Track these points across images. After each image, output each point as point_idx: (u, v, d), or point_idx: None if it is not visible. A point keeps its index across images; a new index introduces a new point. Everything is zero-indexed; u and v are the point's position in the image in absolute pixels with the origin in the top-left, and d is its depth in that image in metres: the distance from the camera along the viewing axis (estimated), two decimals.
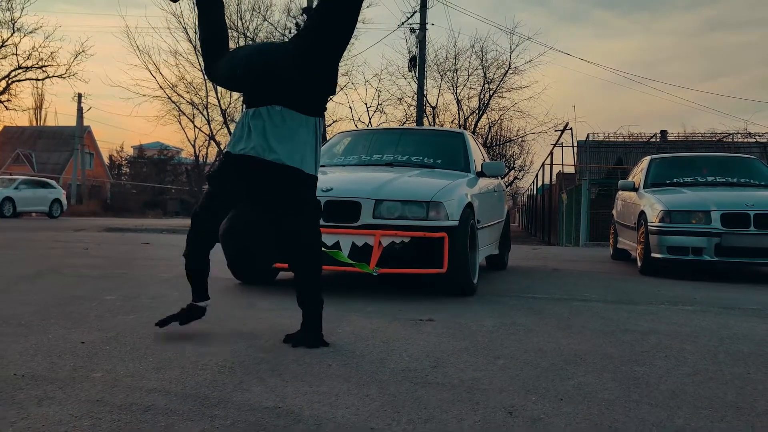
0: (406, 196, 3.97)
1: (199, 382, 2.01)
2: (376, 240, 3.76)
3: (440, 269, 3.83)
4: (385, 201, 3.91)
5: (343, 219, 3.88)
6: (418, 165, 5.06)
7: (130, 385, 1.96)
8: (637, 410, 1.85)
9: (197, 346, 2.49)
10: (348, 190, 4.03)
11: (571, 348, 2.68)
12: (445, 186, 4.20)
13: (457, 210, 4.01)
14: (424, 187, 4.15)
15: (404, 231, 3.81)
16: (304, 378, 2.09)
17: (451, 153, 5.34)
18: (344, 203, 3.91)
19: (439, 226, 3.86)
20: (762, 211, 5.61)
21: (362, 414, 1.75)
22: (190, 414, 1.71)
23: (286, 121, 2.53)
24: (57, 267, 5.44)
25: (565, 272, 6.22)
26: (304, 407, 1.78)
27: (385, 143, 5.50)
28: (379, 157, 5.21)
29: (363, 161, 5.20)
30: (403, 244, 3.84)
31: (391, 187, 4.07)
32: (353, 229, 3.83)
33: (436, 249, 3.83)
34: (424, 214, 3.88)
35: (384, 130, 6.41)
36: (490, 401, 1.89)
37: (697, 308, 3.95)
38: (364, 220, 3.86)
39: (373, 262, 3.70)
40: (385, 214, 3.88)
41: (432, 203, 3.91)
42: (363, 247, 3.79)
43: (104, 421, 1.63)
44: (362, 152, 5.37)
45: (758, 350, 2.74)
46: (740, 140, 17.93)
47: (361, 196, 3.92)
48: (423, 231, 3.82)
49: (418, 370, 2.23)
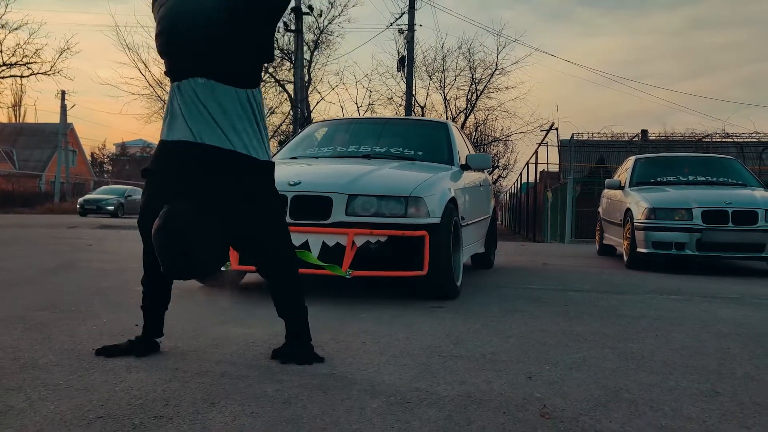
0: (382, 190, 3.64)
1: (256, 355, 2.31)
2: (349, 239, 3.44)
3: (420, 271, 3.53)
4: (360, 196, 3.57)
5: (313, 216, 3.52)
6: (398, 157, 4.68)
7: (197, 357, 2.25)
8: (635, 375, 2.17)
9: (242, 329, 2.78)
10: (318, 183, 3.68)
11: (572, 329, 3.00)
12: (426, 180, 3.88)
13: (439, 206, 3.70)
14: (402, 181, 3.82)
15: (380, 229, 3.49)
16: (345, 353, 2.39)
17: (433, 144, 4.99)
18: (314, 198, 3.55)
19: (419, 224, 3.55)
20: (739, 208, 6.00)
21: (405, 378, 2.05)
22: (261, 378, 2.00)
23: (214, 95, 2.15)
24: (72, 261, 5.68)
25: (555, 267, 6.56)
26: (355, 374, 2.09)
27: (363, 134, 5.16)
28: (356, 148, 4.83)
29: (337, 153, 4.81)
30: (379, 243, 3.53)
31: (366, 181, 3.73)
32: (324, 228, 3.49)
33: (416, 249, 3.53)
34: (402, 211, 3.56)
35: (362, 120, 6.17)
36: (511, 369, 2.21)
37: (681, 297, 4.30)
38: (335, 217, 3.52)
39: (346, 264, 3.39)
40: (359, 210, 3.54)
41: (411, 198, 3.59)
42: (335, 248, 3.46)
43: (191, 383, 1.92)
44: (338, 143, 5.00)
45: (737, 330, 3.08)
46: (718, 140, 18.48)
47: (333, 191, 3.58)
48: (401, 229, 3.50)
49: (442, 346, 2.54)
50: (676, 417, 1.75)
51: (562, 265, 6.75)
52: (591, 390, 1.98)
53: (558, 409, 1.78)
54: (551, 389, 1.98)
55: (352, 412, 1.71)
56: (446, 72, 22.67)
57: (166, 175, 2.21)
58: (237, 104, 2.17)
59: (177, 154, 2.18)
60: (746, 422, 1.72)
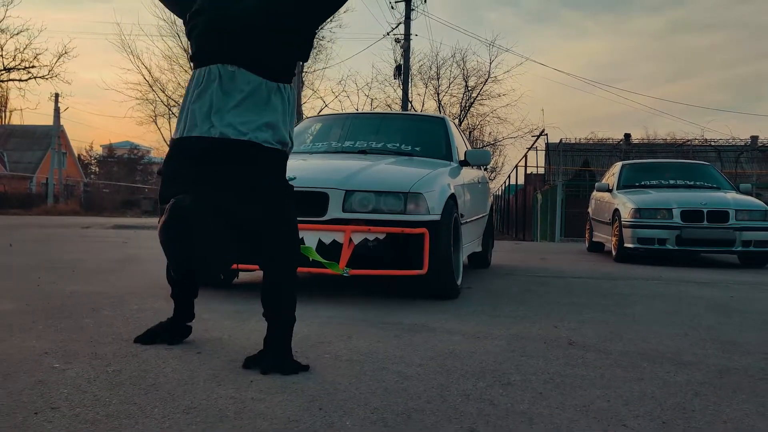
0: (380, 186, 3.56)
1: (349, 315, 3.11)
2: (346, 237, 3.35)
3: (420, 270, 3.43)
4: (357, 192, 3.49)
5: (308, 213, 3.41)
6: (395, 152, 4.59)
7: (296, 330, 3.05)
8: (630, 326, 3.02)
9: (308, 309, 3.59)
10: (314, 179, 3.58)
11: (578, 301, 3.84)
12: (426, 175, 3.80)
13: (439, 203, 3.60)
14: (401, 177, 3.75)
15: (378, 227, 3.41)
16: (421, 312, 3.20)
17: (431, 140, 4.91)
18: (309, 194, 3.45)
19: (419, 220, 3.46)
20: (713, 208, 6.91)
21: (478, 328, 2.86)
22: (366, 325, 2.81)
23: (240, 82, 2.08)
24: (126, 258, 6.40)
25: (551, 261, 7.43)
26: (436, 326, 2.89)
27: (358, 129, 5.05)
28: (352, 143, 4.74)
29: (333, 148, 4.74)
30: (377, 241, 3.45)
31: (364, 176, 3.66)
32: (320, 224, 3.42)
33: (415, 247, 3.44)
34: (401, 207, 3.48)
35: (358, 115, 6.20)
36: (540, 322, 3.04)
37: (662, 281, 5.17)
38: (332, 213, 3.45)
39: (343, 262, 3.29)
40: (356, 207, 3.46)
41: (411, 195, 3.50)
42: (331, 245, 3.37)
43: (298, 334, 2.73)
44: (333, 139, 4.92)
45: (706, 303, 3.95)
46: (698, 144, 19.56)
47: (329, 186, 3.50)
48: (400, 226, 3.42)
49: (486, 311, 3.37)
50: (659, 345, 2.59)
51: (558, 260, 7.61)
52: (599, 333, 2.82)
53: (579, 342, 2.61)
54: (572, 333, 2.81)
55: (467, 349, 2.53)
56: (440, 79, 23.56)
57: (179, 172, 2.17)
58: (263, 95, 2.10)
59: (188, 150, 2.13)
60: (707, 348, 2.57)
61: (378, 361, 2.20)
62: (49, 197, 34.07)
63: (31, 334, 2.50)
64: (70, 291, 3.69)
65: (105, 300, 3.39)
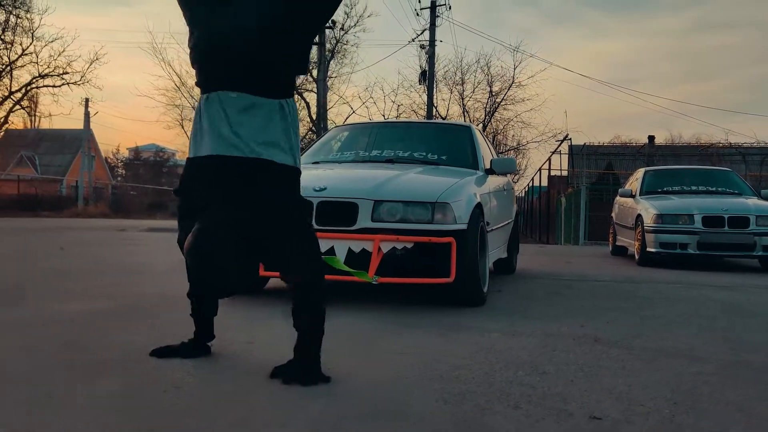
0: (408, 196, 3.65)
1: (391, 319, 3.47)
2: (375, 245, 3.45)
3: (447, 278, 3.52)
4: (385, 202, 3.59)
5: (338, 222, 3.54)
6: (422, 161, 4.68)
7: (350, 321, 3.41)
8: (650, 325, 3.35)
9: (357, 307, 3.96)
10: (344, 189, 3.71)
11: (601, 304, 4.16)
12: (453, 185, 3.89)
13: (465, 212, 3.70)
14: (428, 187, 3.86)
15: (406, 236, 3.50)
16: (457, 314, 3.55)
17: (457, 148, 4.99)
18: (339, 204, 3.58)
19: (446, 230, 3.55)
20: (734, 214, 7.17)
21: (512, 327, 3.20)
22: (409, 326, 3.17)
23: (244, 107, 2.16)
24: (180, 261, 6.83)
25: (576, 264, 7.72)
26: (473, 326, 3.22)
27: (385, 138, 5.14)
28: (379, 152, 4.83)
29: (361, 157, 4.82)
30: (405, 250, 3.55)
31: (392, 186, 3.77)
32: (349, 234, 3.52)
33: (443, 256, 3.53)
34: (429, 217, 3.58)
35: (385, 124, 6.31)
36: (568, 322, 3.38)
37: (683, 285, 5.46)
38: (361, 223, 3.55)
39: (372, 270, 3.39)
40: (385, 216, 3.56)
41: (438, 204, 3.60)
42: (360, 254, 3.47)
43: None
44: (360, 148, 5.00)
45: (723, 306, 4.24)
46: (722, 147, 19.62)
47: (359, 197, 3.60)
48: (427, 235, 3.51)
49: (518, 312, 3.71)
50: (676, 342, 2.92)
51: (583, 263, 7.90)
52: (623, 331, 3.16)
53: (604, 339, 2.95)
54: (597, 331, 3.15)
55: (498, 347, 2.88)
56: (465, 85, 23.91)
57: (196, 191, 2.24)
58: (268, 115, 2.17)
59: (204, 169, 2.20)
60: (718, 346, 2.88)
61: (429, 354, 2.56)
62: (80, 200, 34.95)
63: (137, 329, 2.90)
64: (154, 292, 4.11)
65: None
